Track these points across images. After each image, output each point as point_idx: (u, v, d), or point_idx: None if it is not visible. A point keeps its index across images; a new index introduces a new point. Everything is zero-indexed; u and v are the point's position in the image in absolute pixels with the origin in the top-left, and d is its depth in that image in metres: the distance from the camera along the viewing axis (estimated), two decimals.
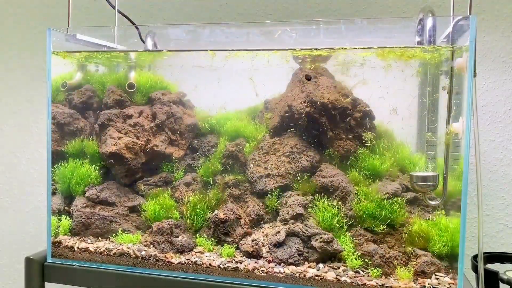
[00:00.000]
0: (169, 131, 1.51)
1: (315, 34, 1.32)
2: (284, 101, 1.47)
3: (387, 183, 1.35)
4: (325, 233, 1.25)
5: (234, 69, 1.45)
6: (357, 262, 1.21)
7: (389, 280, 1.17)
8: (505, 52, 1.66)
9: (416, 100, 1.42)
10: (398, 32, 1.32)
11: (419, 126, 1.45)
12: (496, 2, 1.66)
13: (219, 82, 1.49)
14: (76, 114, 1.55)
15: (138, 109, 1.52)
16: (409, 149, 1.42)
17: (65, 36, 1.46)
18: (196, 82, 1.57)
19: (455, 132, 1.19)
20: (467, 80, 1.08)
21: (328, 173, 1.36)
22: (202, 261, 1.28)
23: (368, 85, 1.38)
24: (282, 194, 1.38)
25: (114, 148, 1.42)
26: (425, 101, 1.38)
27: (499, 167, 1.69)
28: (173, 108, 1.54)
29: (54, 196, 1.49)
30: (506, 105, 1.67)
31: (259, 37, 1.44)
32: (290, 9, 1.83)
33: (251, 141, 1.48)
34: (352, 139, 1.41)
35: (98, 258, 1.35)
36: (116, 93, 1.54)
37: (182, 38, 1.49)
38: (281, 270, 1.22)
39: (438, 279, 1.16)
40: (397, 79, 1.35)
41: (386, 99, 1.38)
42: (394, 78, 1.34)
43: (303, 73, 1.48)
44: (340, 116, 1.39)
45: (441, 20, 1.26)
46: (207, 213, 1.37)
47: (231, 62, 1.39)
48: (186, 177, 1.47)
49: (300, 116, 1.39)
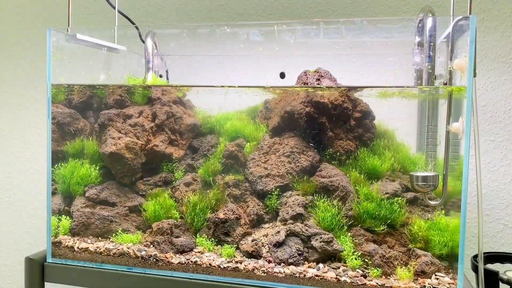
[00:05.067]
0: (169, 131, 1.51)
1: (315, 34, 1.32)
2: (284, 101, 1.47)
3: (387, 183, 1.35)
4: (325, 233, 1.25)
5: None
6: (357, 262, 1.21)
7: (389, 280, 1.17)
8: (505, 52, 1.66)
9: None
10: (398, 32, 1.32)
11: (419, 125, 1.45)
12: (496, 2, 1.66)
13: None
14: (76, 114, 1.55)
15: (138, 109, 1.52)
16: (409, 149, 1.42)
17: (65, 36, 1.46)
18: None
19: (455, 132, 1.19)
20: (467, 80, 1.08)
21: (328, 173, 1.36)
22: (202, 261, 1.28)
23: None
24: (282, 194, 1.38)
25: (114, 148, 1.42)
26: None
27: (499, 167, 1.69)
28: (173, 108, 1.54)
29: (54, 196, 1.49)
30: (506, 105, 1.67)
31: (259, 37, 1.44)
32: (290, 9, 1.83)
33: (251, 141, 1.48)
34: (352, 139, 1.41)
35: (98, 258, 1.35)
36: (116, 93, 1.54)
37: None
38: (281, 270, 1.22)
39: (438, 279, 1.16)
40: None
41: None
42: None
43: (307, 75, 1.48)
44: (340, 116, 1.39)
45: (441, 20, 1.26)
46: (207, 213, 1.37)
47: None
48: (186, 177, 1.47)
49: (300, 116, 1.39)
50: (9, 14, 2.17)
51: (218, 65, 1.66)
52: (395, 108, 1.33)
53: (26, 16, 2.15)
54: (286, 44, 1.42)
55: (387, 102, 1.31)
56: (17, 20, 2.16)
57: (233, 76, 1.62)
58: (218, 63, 1.66)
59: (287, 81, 1.49)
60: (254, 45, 1.48)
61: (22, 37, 2.16)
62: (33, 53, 2.14)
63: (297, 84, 1.48)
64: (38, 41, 2.13)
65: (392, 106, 1.32)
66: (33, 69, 2.14)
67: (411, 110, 1.42)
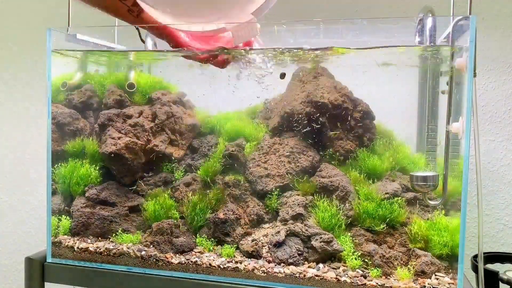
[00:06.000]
0: (169, 131, 1.51)
1: (315, 34, 1.32)
2: (284, 101, 1.47)
3: (387, 183, 1.35)
4: (325, 233, 1.25)
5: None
6: (357, 262, 1.21)
7: (389, 280, 1.17)
8: (505, 52, 1.66)
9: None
10: (398, 32, 1.32)
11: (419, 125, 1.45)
12: (496, 2, 1.66)
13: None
14: (76, 114, 1.55)
15: (138, 109, 1.52)
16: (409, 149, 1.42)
17: (65, 36, 1.46)
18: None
19: (455, 132, 1.19)
20: (467, 80, 1.08)
21: (328, 173, 1.36)
22: (202, 261, 1.28)
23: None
24: (282, 194, 1.38)
25: (114, 148, 1.42)
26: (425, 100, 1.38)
27: (499, 167, 1.69)
28: (173, 108, 1.54)
29: (54, 196, 1.49)
30: (506, 105, 1.67)
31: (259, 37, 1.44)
32: (290, 9, 1.83)
33: (251, 141, 1.48)
34: (352, 139, 1.41)
35: (98, 258, 1.35)
36: (116, 93, 1.54)
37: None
38: (281, 270, 1.22)
39: (438, 279, 1.16)
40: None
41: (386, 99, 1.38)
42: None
43: (303, 72, 1.48)
44: (340, 116, 1.39)
45: (441, 20, 1.26)
46: (207, 213, 1.37)
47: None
48: (186, 177, 1.47)
49: (300, 116, 1.39)
50: (9, 14, 2.17)
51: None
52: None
53: (26, 16, 2.15)
54: (286, 44, 1.41)
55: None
56: (17, 20, 2.16)
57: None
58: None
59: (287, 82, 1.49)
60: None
61: (22, 36, 2.15)
62: (33, 53, 2.14)
63: (293, 81, 1.48)
64: (38, 41, 2.13)
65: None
66: (33, 69, 2.14)
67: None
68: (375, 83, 1.41)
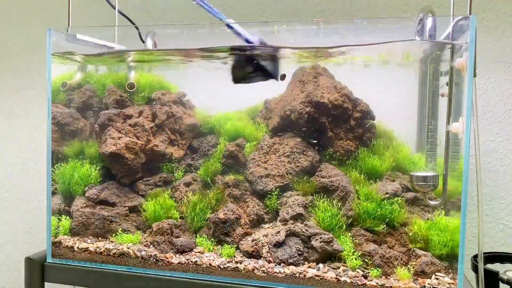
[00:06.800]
0: (169, 131, 1.51)
1: (315, 34, 1.32)
2: (284, 101, 1.47)
3: (387, 183, 1.35)
4: (325, 233, 1.25)
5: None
6: (357, 262, 1.21)
7: (389, 280, 1.17)
8: (505, 52, 1.66)
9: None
10: (398, 32, 1.32)
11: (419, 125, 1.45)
12: (496, 2, 1.66)
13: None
14: (76, 114, 1.55)
15: (138, 109, 1.52)
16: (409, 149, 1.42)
17: (65, 36, 1.46)
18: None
19: (455, 132, 1.19)
20: (467, 80, 1.08)
21: (328, 173, 1.35)
22: (202, 261, 1.28)
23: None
24: (282, 194, 1.38)
25: (114, 148, 1.42)
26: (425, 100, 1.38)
27: (499, 167, 1.69)
28: (173, 108, 1.54)
29: (54, 196, 1.49)
30: (506, 105, 1.67)
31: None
32: (290, 9, 1.83)
33: (251, 141, 1.48)
34: (352, 139, 1.41)
35: (98, 258, 1.35)
36: (116, 93, 1.54)
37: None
38: (281, 270, 1.22)
39: (438, 279, 1.16)
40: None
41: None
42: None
43: (303, 72, 1.48)
44: (340, 116, 1.39)
45: (441, 20, 1.26)
46: (207, 213, 1.37)
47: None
48: (186, 177, 1.47)
49: (300, 116, 1.39)
50: (9, 14, 2.17)
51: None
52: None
53: (26, 16, 2.15)
54: (286, 44, 1.41)
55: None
56: (17, 20, 2.16)
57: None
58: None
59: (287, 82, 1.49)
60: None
61: (22, 37, 2.15)
62: (33, 53, 2.14)
63: (292, 82, 1.48)
64: (38, 41, 2.13)
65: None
66: (33, 69, 2.14)
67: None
68: (375, 83, 1.41)
